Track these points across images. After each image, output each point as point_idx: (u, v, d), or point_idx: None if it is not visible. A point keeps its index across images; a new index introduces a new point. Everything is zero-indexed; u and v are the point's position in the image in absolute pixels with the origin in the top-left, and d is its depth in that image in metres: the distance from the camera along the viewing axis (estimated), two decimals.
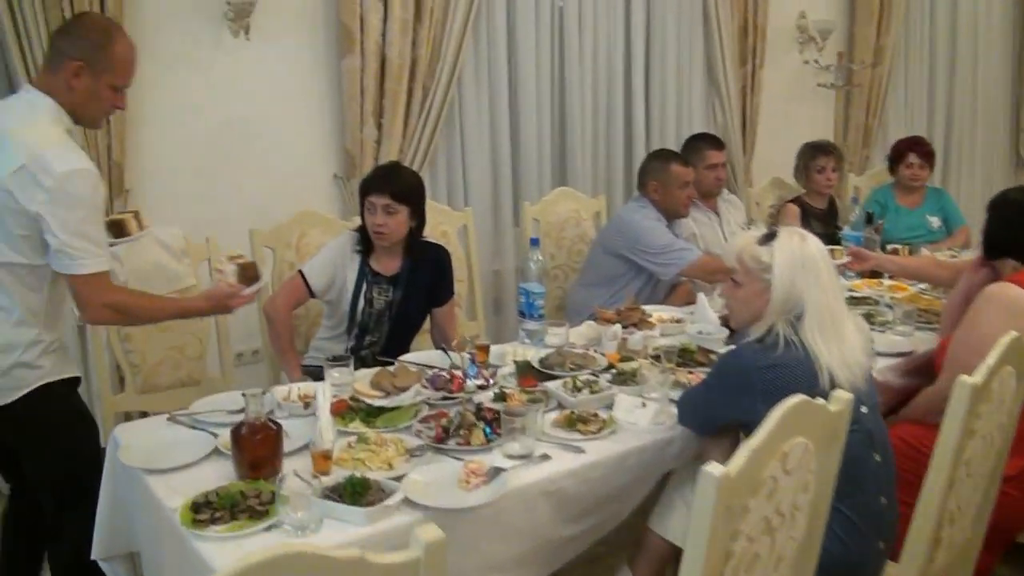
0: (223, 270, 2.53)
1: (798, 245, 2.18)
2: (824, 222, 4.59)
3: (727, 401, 2.18)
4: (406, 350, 3.04)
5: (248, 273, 2.55)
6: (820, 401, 1.76)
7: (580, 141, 4.87)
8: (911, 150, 4.89)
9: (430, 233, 3.62)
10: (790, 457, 1.67)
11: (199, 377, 3.17)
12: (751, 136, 5.58)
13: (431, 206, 3.73)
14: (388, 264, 3.09)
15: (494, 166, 4.62)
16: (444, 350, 2.92)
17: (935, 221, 4.91)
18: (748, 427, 2.14)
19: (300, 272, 3.06)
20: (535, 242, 3.05)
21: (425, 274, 3.10)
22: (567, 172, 4.91)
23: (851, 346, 2.16)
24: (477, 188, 4.54)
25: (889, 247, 4.31)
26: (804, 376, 2.09)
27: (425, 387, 2.39)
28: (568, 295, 4.07)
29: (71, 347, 2.64)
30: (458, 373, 2.38)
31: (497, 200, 4.67)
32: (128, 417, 3.10)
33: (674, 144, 5.15)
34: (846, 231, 4.21)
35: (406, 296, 3.08)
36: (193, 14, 3.81)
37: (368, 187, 3.00)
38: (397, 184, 3.00)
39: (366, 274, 3.05)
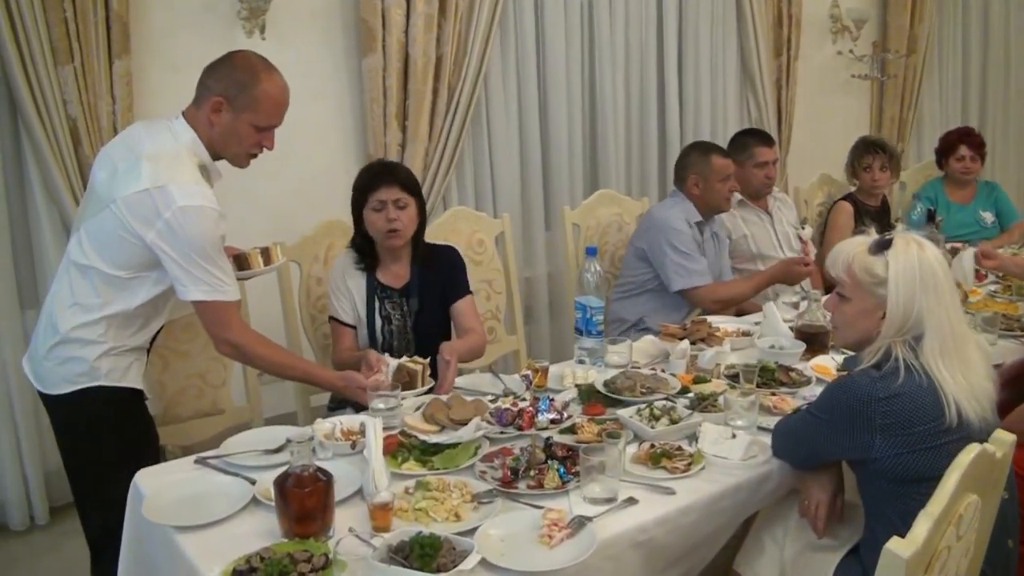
0: (387, 363, 2.51)
1: (916, 255, 1.91)
2: (878, 221, 4.32)
3: (838, 436, 1.93)
4: None
5: (402, 376, 2.49)
6: (986, 447, 1.46)
7: (613, 140, 4.69)
8: (961, 142, 4.63)
9: (465, 241, 3.48)
10: (963, 519, 1.39)
11: (223, 406, 2.92)
12: (787, 130, 5.41)
13: (466, 213, 3.60)
14: (397, 274, 2.90)
15: (523, 167, 4.47)
16: (494, 373, 2.72)
17: (988, 216, 4.65)
18: (861, 464, 1.90)
19: (331, 319, 2.92)
20: (592, 251, 2.78)
21: (437, 277, 2.92)
22: (599, 172, 4.75)
23: (976, 372, 1.91)
24: (506, 191, 4.38)
25: (948, 245, 4.03)
26: (928, 408, 1.83)
27: (488, 422, 2.11)
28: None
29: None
30: (526, 405, 2.10)
31: (527, 203, 4.51)
32: None
33: (708, 138, 4.98)
34: (901, 229, 3.92)
35: (423, 305, 2.90)
36: (204, 14, 3.62)
37: (371, 183, 2.79)
38: (402, 174, 2.85)
39: (375, 289, 2.88)
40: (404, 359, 2.53)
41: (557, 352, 4.43)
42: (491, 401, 2.39)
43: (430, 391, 2.51)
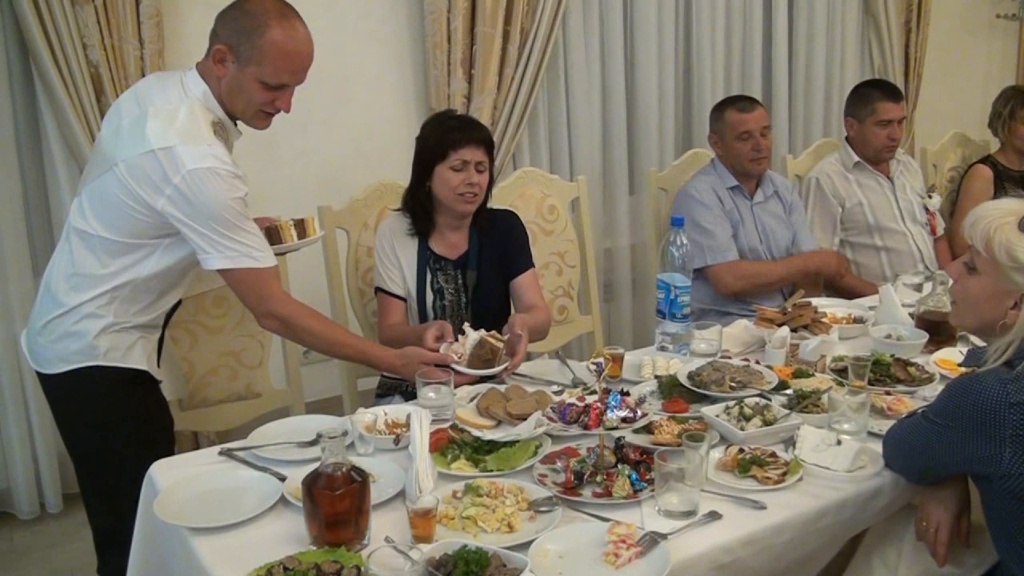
0: (465, 334, 2.47)
1: None
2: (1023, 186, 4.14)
3: (961, 446, 1.84)
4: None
5: (485, 352, 2.44)
6: None
7: (710, 92, 4.59)
8: None
9: (534, 207, 3.46)
10: None
11: (260, 389, 2.93)
12: (915, 81, 5.23)
13: (536, 175, 3.57)
14: (454, 242, 2.88)
15: (605, 124, 4.44)
16: (561, 359, 2.70)
17: None
18: (986, 480, 1.81)
19: (378, 290, 2.88)
20: (678, 222, 2.70)
21: (496, 247, 2.92)
22: (693, 130, 4.68)
23: None
24: (584, 150, 4.36)
25: None
26: None
27: (550, 418, 2.05)
28: None
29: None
30: (593, 400, 2.03)
31: (608, 164, 4.47)
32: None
33: (822, 95, 4.91)
34: None
35: (481, 278, 2.88)
36: None
37: (455, 138, 2.75)
38: (485, 132, 2.84)
39: (427, 259, 2.85)
40: (482, 332, 2.48)
41: (640, 337, 4.40)
42: (556, 393, 2.36)
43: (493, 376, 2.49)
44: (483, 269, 2.87)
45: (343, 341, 2.47)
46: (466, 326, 2.51)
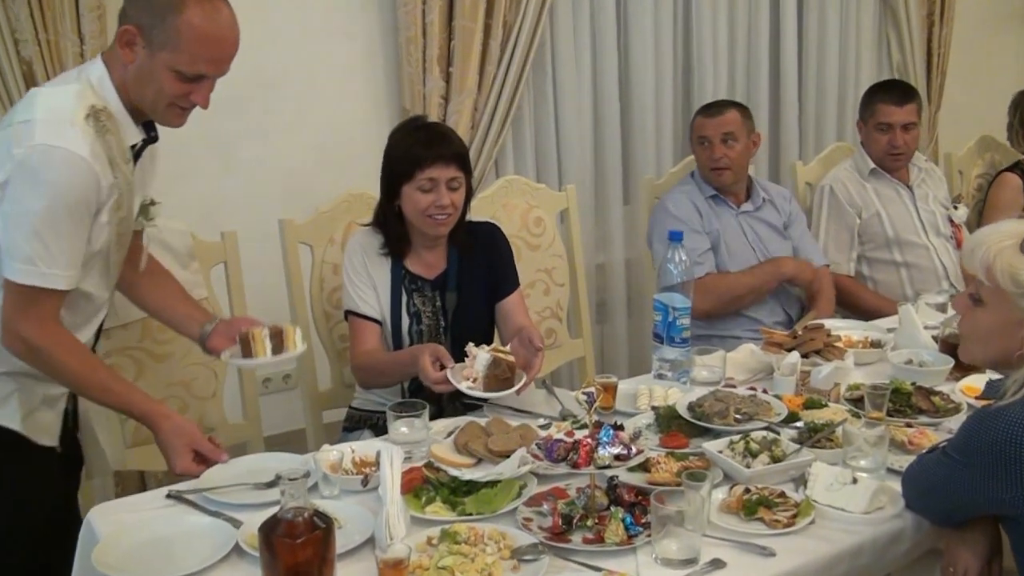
0: (474, 354, 2.47)
1: None
2: None
3: (982, 486, 1.86)
4: None
5: (502, 371, 2.45)
6: None
7: (712, 93, 4.59)
8: None
9: (519, 219, 3.46)
10: None
11: (213, 422, 2.92)
12: (938, 79, 5.26)
13: (521, 184, 3.58)
14: (431, 262, 2.88)
15: (597, 128, 4.44)
16: (548, 389, 2.71)
17: None
18: (1014, 522, 1.83)
19: (349, 314, 2.86)
20: (676, 236, 2.71)
21: (478, 265, 2.92)
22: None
23: None
24: (574, 157, 4.36)
25: None
26: None
27: (536, 455, 2.05)
28: None
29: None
30: (584, 435, 2.03)
31: (601, 172, 4.48)
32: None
33: (835, 95, 4.94)
34: None
35: (462, 299, 2.87)
36: None
37: (422, 156, 2.74)
38: (458, 144, 2.84)
39: (402, 280, 2.84)
40: (489, 350, 2.48)
41: (636, 363, 4.39)
42: (542, 427, 2.36)
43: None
44: (464, 290, 2.87)
45: (106, 386, 2.27)
46: (471, 347, 2.51)
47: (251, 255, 3.10)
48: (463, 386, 2.43)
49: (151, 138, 2.33)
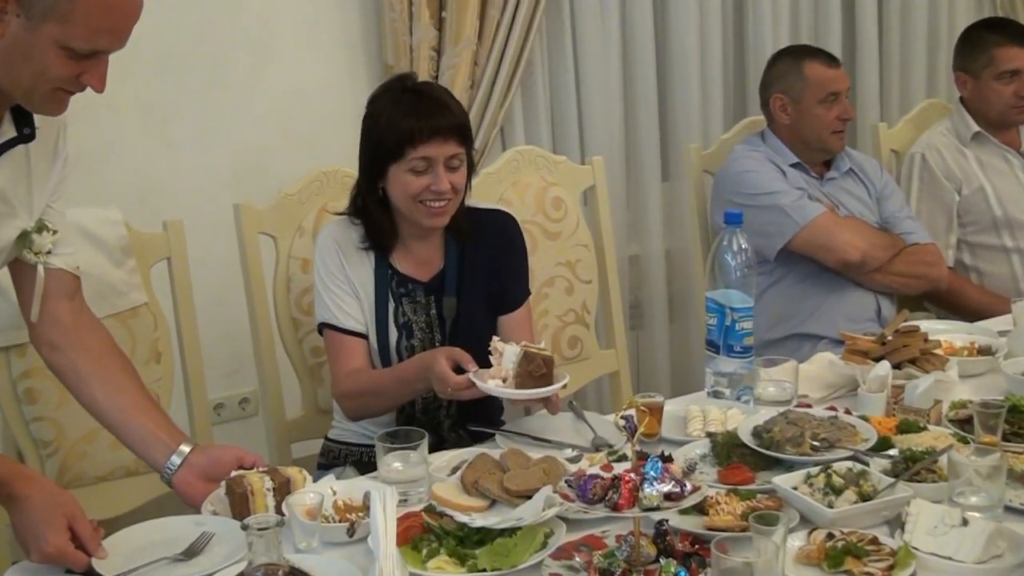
0: (500, 350, 2.49)
1: None
2: None
3: None
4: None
5: (536, 366, 2.46)
6: None
7: (771, 40, 4.64)
8: None
9: (533, 200, 3.45)
10: None
11: None
12: None
13: (535, 156, 3.56)
14: (424, 258, 2.88)
15: (627, 86, 4.49)
16: (576, 412, 2.73)
17: None
18: None
19: (325, 327, 2.85)
20: (734, 218, 2.72)
21: (485, 264, 2.94)
22: (749, 93, 4.70)
23: None
24: (600, 122, 4.40)
25: None
26: None
27: (565, 495, 2.05)
28: None
29: None
30: (624, 470, 2.02)
31: (634, 141, 4.53)
32: None
33: (923, 43, 4.97)
34: None
35: (463, 307, 2.89)
36: None
37: (413, 131, 2.71)
38: (457, 113, 2.80)
39: (389, 282, 2.84)
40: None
41: (682, 379, 4.42)
42: (571, 459, 2.36)
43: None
44: (465, 294, 2.88)
45: None
46: (496, 341, 2.52)
47: (200, 249, 3.12)
48: (491, 385, 2.43)
49: (24, 135, 2.24)
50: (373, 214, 2.83)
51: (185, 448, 2.35)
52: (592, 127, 4.36)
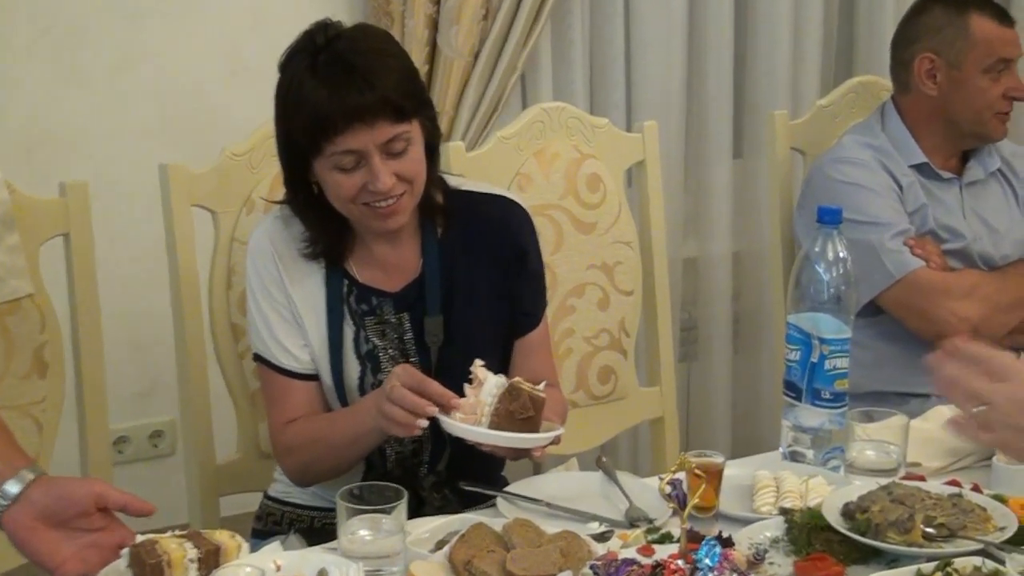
0: (480, 378, 2.52)
1: None
2: None
3: None
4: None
5: (517, 408, 2.48)
6: None
7: None
8: None
9: (561, 178, 3.46)
10: None
11: None
12: None
13: (565, 116, 3.55)
14: (395, 262, 2.88)
15: (693, 32, 4.59)
16: (606, 472, 2.73)
17: None
18: None
19: (260, 361, 2.88)
20: (830, 215, 2.74)
21: (482, 268, 2.94)
22: (857, 46, 4.84)
23: None
24: (654, 77, 4.48)
25: None
26: None
27: None
28: None
29: None
30: (671, 556, 2.04)
31: (698, 105, 4.64)
32: None
33: None
34: None
35: (454, 328, 2.90)
36: None
37: (325, 119, 2.64)
38: (385, 78, 2.68)
39: (345, 299, 2.85)
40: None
41: (747, 432, 4.47)
42: (597, 536, 2.36)
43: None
44: (456, 309, 2.88)
45: None
46: (477, 365, 2.53)
47: (110, 224, 3.13)
48: (454, 420, 2.45)
49: None
50: (309, 214, 2.82)
51: (29, 475, 2.24)
52: (643, 81, 4.42)
